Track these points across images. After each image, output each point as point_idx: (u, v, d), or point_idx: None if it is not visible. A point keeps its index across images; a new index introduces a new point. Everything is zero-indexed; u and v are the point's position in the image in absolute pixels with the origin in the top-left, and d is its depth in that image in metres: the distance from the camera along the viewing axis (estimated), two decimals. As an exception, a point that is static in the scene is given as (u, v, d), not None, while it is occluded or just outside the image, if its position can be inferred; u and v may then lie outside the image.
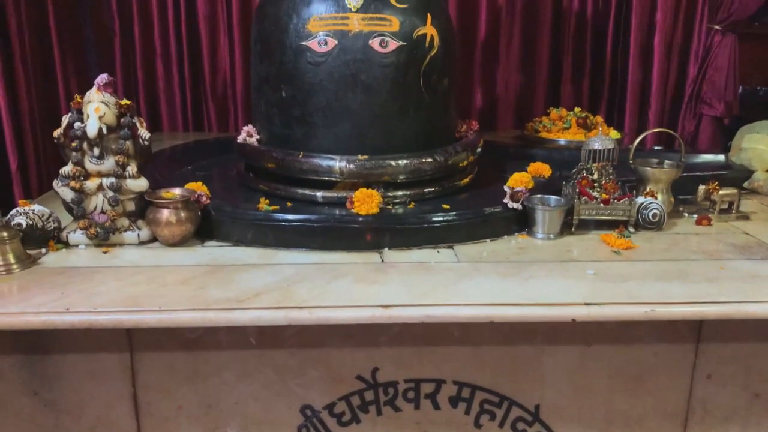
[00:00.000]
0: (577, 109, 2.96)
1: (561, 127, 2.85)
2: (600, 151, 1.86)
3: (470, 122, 2.32)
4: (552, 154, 2.55)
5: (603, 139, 1.88)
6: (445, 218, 1.77)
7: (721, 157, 2.42)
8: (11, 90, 2.55)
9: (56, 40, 2.84)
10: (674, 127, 3.57)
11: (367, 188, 1.92)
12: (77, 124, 1.64)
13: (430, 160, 1.98)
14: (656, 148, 2.55)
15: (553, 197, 1.86)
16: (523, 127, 3.12)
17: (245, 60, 3.33)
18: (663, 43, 3.42)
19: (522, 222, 1.86)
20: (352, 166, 1.91)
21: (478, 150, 2.22)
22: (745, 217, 1.99)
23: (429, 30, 1.99)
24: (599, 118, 2.96)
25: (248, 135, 2.16)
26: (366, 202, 1.77)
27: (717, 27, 3.37)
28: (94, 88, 1.65)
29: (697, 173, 2.17)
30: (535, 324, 1.46)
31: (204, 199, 1.78)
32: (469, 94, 3.52)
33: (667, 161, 2.03)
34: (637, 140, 1.97)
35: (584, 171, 1.90)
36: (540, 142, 2.80)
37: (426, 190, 2.02)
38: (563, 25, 3.47)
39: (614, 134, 2.80)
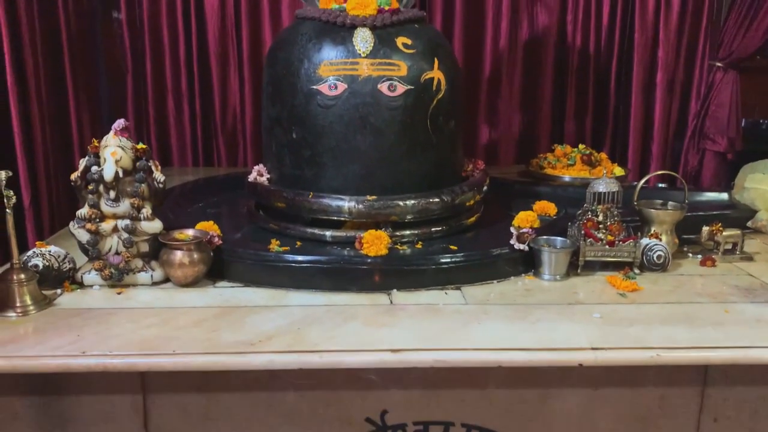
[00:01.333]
0: (581, 146, 3.01)
1: (565, 164, 2.89)
2: (605, 193, 1.89)
3: (476, 161, 2.36)
4: (557, 192, 2.59)
5: (607, 181, 1.91)
6: (453, 259, 1.80)
7: (724, 196, 2.44)
8: (26, 126, 2.60)
9: (70, 78, 2.90)
10: (677, 161, 3.62)
11: (376, 228, 1.97)
12: (94, 168, 1.68)
13: (437, 200, 2.02)
14: (660, 185, 2.59)
15: (559, 239, 1.89)
16: (527, 163, 3.16)
17: (255, 95, 3.40)
18: (665, 80, 3.48)
19: (529, 262, 1.88)
20: (360, 206, 1.94)
21: (485, 188, 2.26)
22: (749, 258, 2.01)
23: (436, 74, 2.04)
24: (603, 155, 3.00)
25: (259, 174, 2.21)
26: (375, 243, 1.80)
27: (719, 64, 3.43)
28: (111, 132, 1.70)
29: (701, 213, 2.20)
30: (543, 368, 1.48)
31: (216, 239, 1.81)
32: (474, 130, 3.57)
33: (670, 203, 2.06)
34: (641, 183, 2.01)
35: (589, 212, 1.93)
36: (545, 178, 2.84)
37: (433, 229, 2.06)
38: (566, 62, 3.54)
39: (618, 171, 2.85)
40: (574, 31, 3.48)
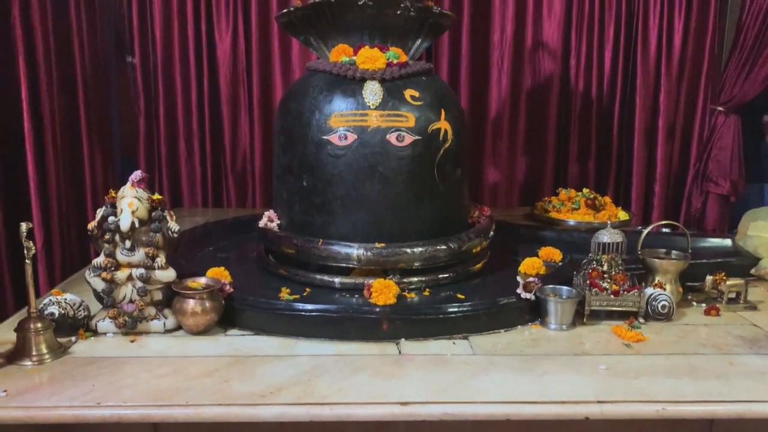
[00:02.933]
0: (585, 190, 3.05)
1: (570, 208, 2.94)
2: (609, 243, 1.92)
3: (482, 208, 2.40)
4: (562, 236, 2.62)
5: (612, 232, 1.95)
6: (460, 309, 1.83)
7: (727, 242, 2.47)
8: (41, 169, 2.65)
9: (84, 121, 2.96)
10: (680, 204, 3.66)
11: (384, 274, 2.01)
12: (111, 218, 1.73)
13: (444, 247, 2.05)
14: (663, 230, 2.61)
15: (565, 288, 1.92)
16: (532, 206, 3.21)
17: (264, 138, 3.47)
18: (667, 124, 3.55)
19: (535, 311, 1.91)
20: (369, 253, 1.98)
21: (491, 234, 2.29)
22: (753, 307, 2.03)
23: (443, 125, 2.10)
24: (607, 199, 3.04)
25: (269, 220, 2.26)
26: (384, 292, 1.83)
27: (720, 108, 3.49)
28: (128, 183, 1.75)
29: (704, 260, 2.22)
30: (551, 420, 1.49)
31: (228, 287, 1.85)
32: (479, 172, 3.62)
33: (674, 252, 2.09)
34: (644, 232, 2.04)
35: (594, 262, 1.96)
36: (550, 222, 2.88)
37: (441, 276, 2.09)
38: (569, 106, 3.60)
39: (623, 215, 2.89)
40: (577, 76, 3.55)
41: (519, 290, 1.88)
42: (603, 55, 3.54)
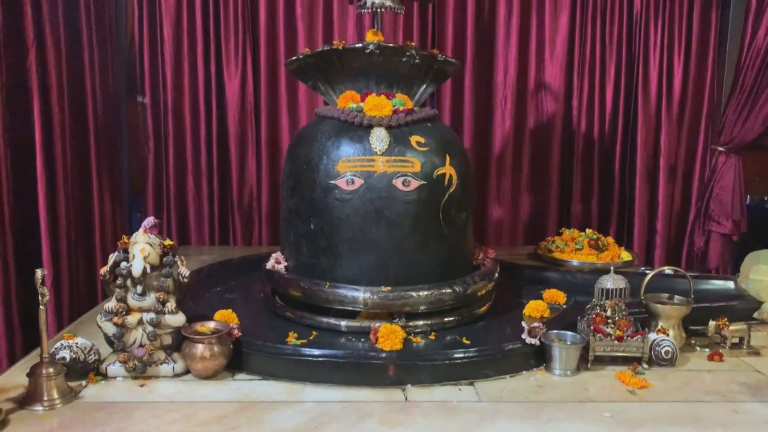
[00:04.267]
0: (588, 231, 3.08)
1: (573, 248, 2.96)
2: (612, 289, 1.95)
3: (487, 250, 2.43)
4: (566, 278, 2.65)
5: (615, 278, 1.97)
6: (466, 354, 1.85)
7: (730, 284, 2.48)
8: (52, 210, 2.69)
9: (94, 161, 3.01)
10: (682, 242, 3.69)
11: (390, 317, 2.03)
12: (123, 264, 1.76)
13: (449, 291, 2.08)
14: (666, 271, 2.63)
15: (569, 333, 1.94)
16: (536, 244, 3.23)
17: (271, 176, 3.53)
18: (668, 163, 3.60)
19: (540, 356, 1.92)
20: (375, 297, 2.01)
21: (496, 277, 2.32)
22: (756, 352, 2.05)
23: (448, 170, 2.14)
24: (610, 239, 3.07)
25: (276, 262, 2.29)
26: (390, 338, 1.85)
27: (721, 149, 3.54)
28: (141, 229, 1.79)
29: (707, 304, 2.24)
30: (555, 469, 1.51)
31: (236, 332, 1.87)
32: (483, 209, 3.66)
33: (677, 297, 2.11)
34: (647, 278, 2.07)
35: (598, 307, 1.98)
36: (554, 263, 2.90)
37: (446, 319, 2.12)
38: (572, 146, 3.66)
39: (626, 256, 2.91)
40: (579, 117, 3.61)
41: (524, 335, 1.90)
42: (604, 96, 3.61)
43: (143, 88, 3.48)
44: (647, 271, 2.63)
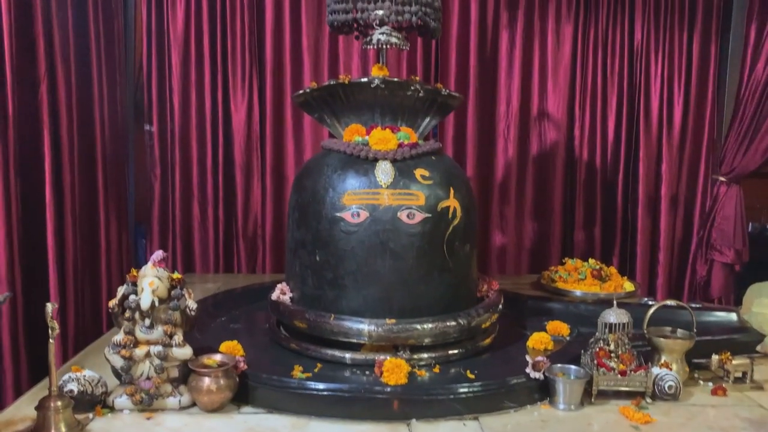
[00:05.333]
0: (591, 261, 3.11)
1: (576, 278, 2.98)
2: (616, 324, 1.96)
3: (490, 281, 2.45)
4: (569, 309, 2.66)
5: (618, 312, 1.99)
6: (470, 389, 1.86)
7: (733, 316, 2.49)
8: (60, 239, 2.71)
9: (102, 188, 3.04)
10: (685, 271, 3.70)
11: (394, 350, 2.04)
12: (132, 297, 1.79)
13: (453, 323, 2.09)
14: (668, 303, 2.63)
15: (573, 367, 1.95)
16: (540, 273, 3.25)
17: (276, 203, 3.56)
18: (669, 193, 3.63)
19: (544, 390, 1.93)
20: (380, 330, 2.02)
21: (500, 308, 2.33)
22: (760, 387, 2.05)
23: (452, 203, 2.17)
24: (613, 269, 3.09)
25: (282, 293, 2.31)
26: (395, 372, 1.87)
27: (722, 179, 3.57)
28: (150, 263, 1.81)
29: (710, 337, 2.25)
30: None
31: (241, 364, 1.89)
32: (487, 237, 3.68)
33: (680, 330, 2.13)
34: (650, 312, 2.08)
35: (601, 341, 1.99)
36: (557, 293, 2.92)
37: (450, 352, 2.12)
38: (574, 175, 3.69)
39: (629, 286, 2.93)
40: (582, 146, 3.66)
41: (528, 370, 1.91)
42: (606, 125, 3.65)
43: (151, 116, 3.53)
44: (650, 302, 2.66)
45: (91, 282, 2.98)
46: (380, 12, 2.17)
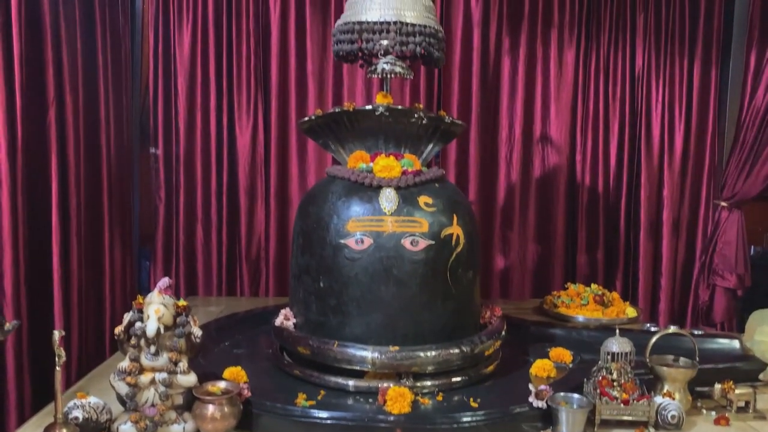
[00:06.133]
0: (594, 286, 3.12)
1: (579, 304, 2.99)
2: (618, 353, 1.97)
3: (493, 308, 2.46)
4: (571, 335, 2.67)
5: (620, 341, 2.00)
6: (474, 418, 1.86)
7: (735, 344, 2.49)
8: (65, 261, 2.73)
9: (107, 212, 3.05)
10: (687, 296, 3.71)
11: (397, 377, 2.05)
12: (138, 324, 1.80)
13: (457, 351, 2.10)
14: (671, 328, 2.63)
15: (576, 396, 1.95)
16: (542, 298, 3.26)
17: (279, 226, 3.58)
18: (671, 217, 3.64)
19: (547, 418, 1.93)
20: (383, 357, 2.03)
21: (502, 334, 2.34)
22: (762, 417, 2.05)
23: (455, 230, 2.19)
24: (615, 295, 3.10)
25: (285, 318, 2.32)
26: (398, 401, 1.87)
27: (723, 204, 3.58)
28: (156, 290, 1.83)
29: (713, 365, 2.25)
30: None
31: (245, 391, 1.89)
32: (489, 260, 3.69)
33: (682, 359, 2.13)
34: (653, 341, 2.09)
35: (604, 370, 2.00)
36: (559, 318, 2.93)
37: (453, 379, 2.13)
38: (577, 199, 3.71)
39: (631, 312, 2.94)
40: (584, 171, 3.68)
41: (531, 398, 1.92)
42: (608, 150, 3.68)
43: (156, 139, 3.56)
44: (652, 329, 2.67)
45: (95, 305, 2.99)
46: (385, 42, 2.21)
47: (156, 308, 1.79)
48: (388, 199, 2.16)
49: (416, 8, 2.23)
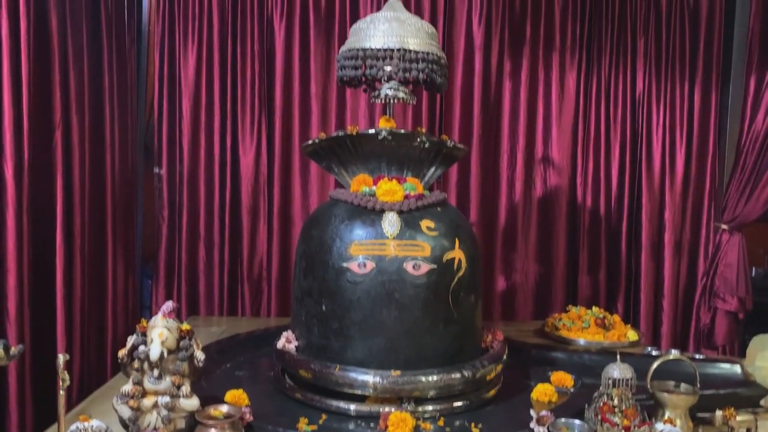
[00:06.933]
0: (595, 309, 3.12)
1: (580, 326, 2.99)
2: (619, 379, 1.98)
3: (495, 332, 2.47)
4: (573, 359, 2.67)
5: (622, 367, 2.00)
6: (475, 444, 1.86)
7: (737, 369, 2.50)
8: (68, 281, 2.75)
9: (110, 231, 3.08)
10: (689, 319, 3.71)
11: (399, 401, 2.05)
12: (141, 348, 1.81)
13: (458, 375, 2.11)
14: (672, 353, 2.63)
15: (577, 422, 1.95)
16: (544, 319, 3.27)
17: (282, 246, 3.59)
18: (673, 239, 3.66)
19: (548, 445, 1.94)
20: (385, 382, 2.04)
21: (504, 358, 2.34)
22: (764, 443, 2.05)
23: (457, 254, 2.20)
24: (616, 318, 3.11)
25: (287, 341, 2.33)
26: (400, 426, 1.87)
27: (724, 227, 3.60)
28: (160, 314, 1.84)
29: (714, 391, 2.25)
30: None
31: (247, 415, 1.90)
32: (490, 282, 3.70)
33: (683, 385, 2.13)
34: (653, 367, 2.09)
35: (605, 396, 2.00)
36: (560, 341, 2.93)
37: (455, 404, 2.13)
38: (578, 221, 3.73)
39: (632, 336, 2.94)
40: (585, 193, 3.70)
41: (532, 425, 1.92)
42: (610, 173, 3.70)
43: (160, 159, 3.59)
44: (654, 353, 2.68)
45: (97, 324, 3.00)
46: (388, 68, 2.23)
47: (160, 332, 1.80)
48: (390, 223, 2.17)
49: (419, 35, 2.26)
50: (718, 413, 2.09)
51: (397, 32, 2.24)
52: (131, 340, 1.85)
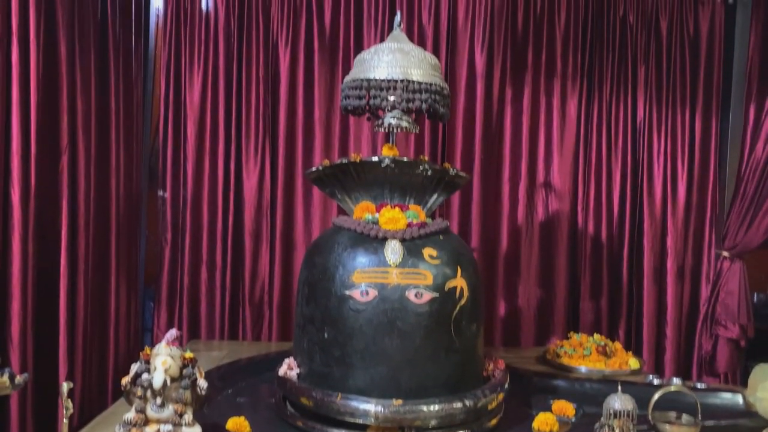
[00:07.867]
0: (596, 336, 3.12)
1: (581, 354, 2.99)
2: (621, 411, 1.98)
3: (497, 360, 2.47)
4: (574, 387, 2.67)
5: (623, 398, 2.01)
6: (476, 476, 1.86)
7: (738, 399, 2.50)
8: (71, 304, 2.76)
9: (114, 254, 3.10)
10: (691, 345, 3.70)
11: (400, 430, 2.05)
12: (145, 375, 1.82)
13: (460, 405, 2.11)
14: (673, 382, 2.62)
15: (579, 453, 1.96)
16: (545, 347, 3.26)
17: (284, 270, 3.60)
18: (675, 266, 3.66)
19: (549, 476, 1.93)
20: (387, 411, 2.04)
21: (506, 387, 2.34)
22: (766, 476, 2.05)
23: (459, 282, 2.21)
24: (618, 345, 3.10)
25: (289, 368, 2.33)
26: (401, 456, 1.87)
27: (725, 254, 3.60)
28: (163, 342, 1.85)
29: (715, 422, 2.25)
30: None
31: (249, 444, 1.90)
32: (492, 306, 3.69)
33: (684, 416, 2.13)
34: (655, 398, 2.10)
35: (606, 427, 2.00)
36: (562, 368, 2.93)
37: (456, 434, 2.13)
38: (579, 247, 3.73)
39: (634, 363, 2.94)
40: (586, 220, 3.71)
41: (534, 456, 1.92)
42: (611, 199, 3.70)
43: (164, 182, 3.61)
44: (655, 381, 2.68)
45: (99, 348, 3.01)
46: (392, 98, 2.26)
47: (163, 360, 1.82)
48: (393, 251, 2.19)
49: (422, 66, 2.30)
50: (720, 445, 2.08)
51: (400, 63, 2.28)
52: (134, 368, 1.86)
